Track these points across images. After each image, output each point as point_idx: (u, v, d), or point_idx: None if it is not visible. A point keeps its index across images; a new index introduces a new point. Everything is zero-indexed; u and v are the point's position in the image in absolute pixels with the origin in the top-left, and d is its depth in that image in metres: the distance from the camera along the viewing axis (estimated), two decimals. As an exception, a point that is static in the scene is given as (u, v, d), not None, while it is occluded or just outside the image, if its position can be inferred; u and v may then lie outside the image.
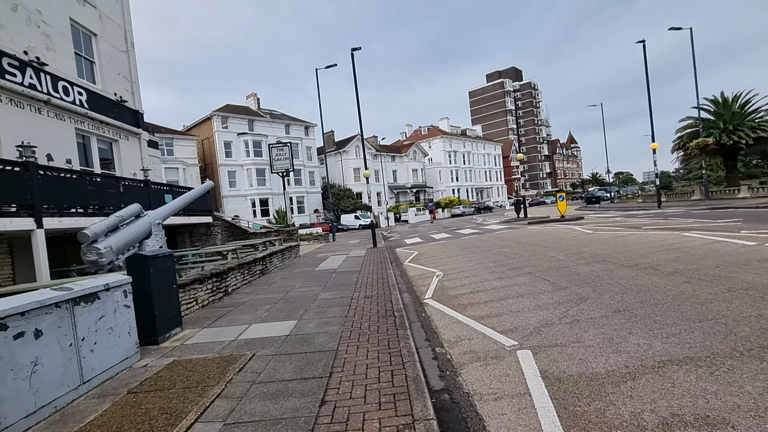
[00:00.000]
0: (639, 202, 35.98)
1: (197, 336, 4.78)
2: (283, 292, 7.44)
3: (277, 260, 11.37)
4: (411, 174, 60.58)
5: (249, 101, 48.12)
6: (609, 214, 20.53)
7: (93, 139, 13.40)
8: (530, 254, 8.83)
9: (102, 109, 13.56)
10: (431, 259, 10.50)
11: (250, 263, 8.93)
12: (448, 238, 16.68)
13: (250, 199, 42.35)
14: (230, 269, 7.69)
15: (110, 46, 14.54)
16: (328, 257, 13.40)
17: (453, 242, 14.45)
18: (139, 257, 4.47)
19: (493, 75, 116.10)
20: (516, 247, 10.26)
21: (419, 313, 5.34)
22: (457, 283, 6.91)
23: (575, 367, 3.05)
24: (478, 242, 13.09)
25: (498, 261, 8.55)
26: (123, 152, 14.69)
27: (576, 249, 8.68)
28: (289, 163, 21.65)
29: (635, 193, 60.78)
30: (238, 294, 7.56)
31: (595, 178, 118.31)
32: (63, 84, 11.98)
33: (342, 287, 7.39)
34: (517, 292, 5.58)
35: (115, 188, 10.20)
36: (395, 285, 7.18)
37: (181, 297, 5.88)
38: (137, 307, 4.47)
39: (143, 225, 7.89)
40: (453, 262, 9.46)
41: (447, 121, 72.62)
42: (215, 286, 7.03)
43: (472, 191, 71.48)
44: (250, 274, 8.93)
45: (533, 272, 6.79)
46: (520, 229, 15.82)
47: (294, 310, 5.83)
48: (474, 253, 10.53)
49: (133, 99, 15.66)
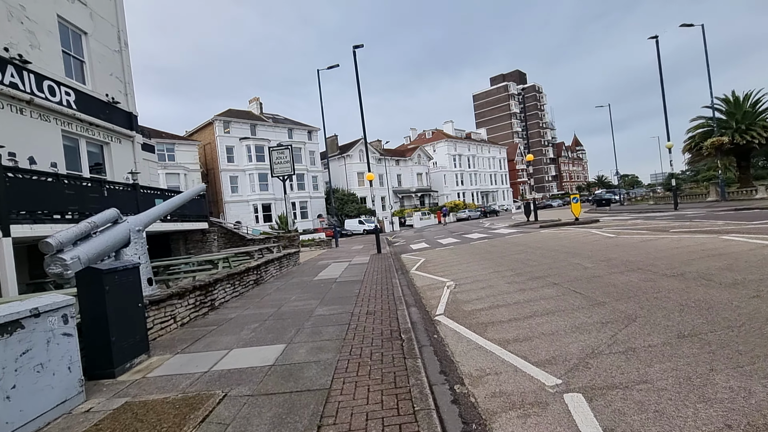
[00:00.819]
0: (650, 204, 34.88)
1: (165, 365, 3.98)
2: (275, 306, 6.63)
3: (274, 269, 10.58)
4: (416, 178, 59.81)
5: (251, 106, 47.73)
6: (624, 216, 19.57)
7: (82, 142, 12.76)
8: (551, 261, 7.97)
9: (92, 111, 12.93)
10: (440, 267, 9.66)
11: (242, 273, 8.15)
12: (457, 243, 15.82)
13: (252, 205, 41.75)
14: (217, 281, 6.90)
15: (102, 45, 13.92)
16: (329, 265, 12.60)
17: (462, 248, 13.59)
18: (91, 272, 3.69)
19: (497, 78, 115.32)
20: (533, 253, 9.38)
21: (430, 333, 4.51)
22: (472, 295, 6.06)
23: (654, 426, 2.20)
24: (490, 247, 12.22)
25: (515, 269, 7.68)
26: (115, 156, 14.05)
27: (602, 255, 7.80)
28: (290, 167, 20.94)
29: (645, 195, 59.52)
30: (226, 309, 6.76)
31: (601, 180, 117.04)
32: (48, 83, 11.34)
33: (342, 301, 6.57)
34: (546, 309, 4.72)
35: (97, 192, 9.49)
36: (401, 298, 6.35)
37: (156, 315, 5.10)
38: (89, 334, 3.69)
39: (120, 232, 7.14)
40: (465, 270, 8.61)
41: (451, 124, 71.88)
42: (199, 301, 6.24)
43: (478, 195, 70.51)
44: (242, 285, 8.15)
45: (559, 283, 5.92)
46: (532, 233, 14.92)
47: (284, 330, 5.02)
48: (486, 259, 9.67)
49: (126, 100, 15.04)
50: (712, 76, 23.85)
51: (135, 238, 7.05)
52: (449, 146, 66.67)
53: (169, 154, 37.80)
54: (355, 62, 15.83)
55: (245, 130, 42.44)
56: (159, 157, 36.78)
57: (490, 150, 78.24)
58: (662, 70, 21.32)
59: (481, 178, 72.82)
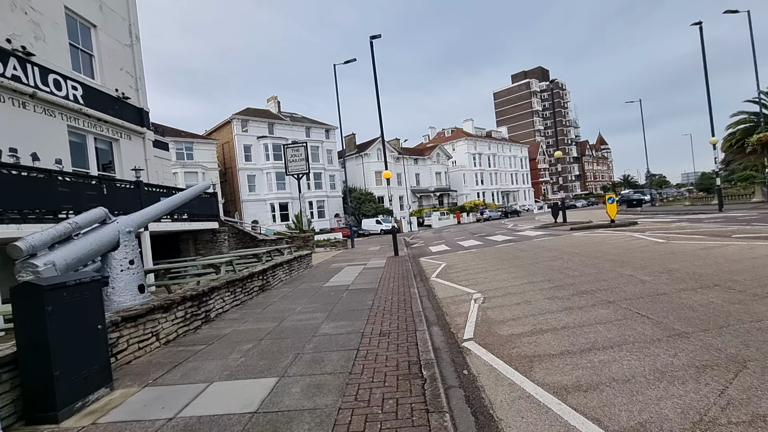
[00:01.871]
0: (687, 205, 32.62)
1: (126, 405, 3.18)
2: (276, 320, 5.80)
3: (283, 273, 9.82)
4: (434, 177, 58.55)
5: (270, 105, 47.59)
6: (664, 218, 17.99)
7: (90, 138, 12.34)
8: (595, 271, 6.85)
9: (100, 106, 12.50)
10: (464, 274, 8.66)
11: (245, 279, 7.38)
12: (479, 246, 14.73)
13: (269, 204, 41.54)
14: (213, 289, 6.13)
15: (112, 38, 13.50)
16: (342, 268, 11.77)
17: (486, 251, 12.52)
18: (28, 288, 2.91)
19: (519, 75, 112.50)
20: (571, 261, 8.26)
21: (459, 368, 3.56)
22: (506, 313, 5.07)
23: None
24: (517, 252, 11.11)
25: (554, 280, 6.62)
26: (124, 153, 13.61)
27: (659, 265, 6.64)
28: (305, 165, 20.27)
29: (678, 195, 56.41)
30: (222, 321, 5.98)
31: (627, 180, 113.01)
32: (54, 77, 10.91)
33: (352, 315, 5.68)
34: (608, 339, 3.70)
35: (96, 190, 8.92)
36: (421, 313, 5.42)
37: (133, 334, 4.34)
38: (27, 367, 2.92)
39: (108, 234, 6.43)
40: (492, 278, 7.59)
41: (471, 122, 70.18)
42: (190, 313, 5.47)
43: (498, 194, 68.63)
44: (245, 292, 7.38)
45: (615, 301, 4.86)
46: (563, 237, 13.68)
47: (280, 354, 4.16)
48: (516, 266, 8.61)
49: (137, 96, 14.63)
50: (750, 69, 21.80)
51: (126, 240, 6.35)
52: (469, 145, 65.06)
53: (188, 152, 37.91)
54: (372, 54, 14.96)
55: (263, 128, 42.25)
56: (177, 155, 36.99)
57: (511, 149, 76.11)
58: (705, 60, 19.55)
59: (501, 177, 70.87)
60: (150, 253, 10.44)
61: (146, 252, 10.37)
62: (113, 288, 5.99)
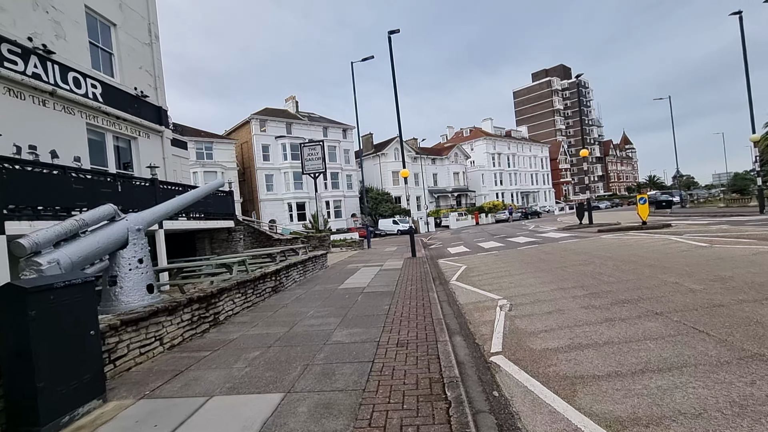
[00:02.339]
0: (721, 206, 30.87)
1: (116, 421, 2.88)
2: (287, 324, 5.47)
3: (297, 273, 9.53)
4: (452, 177, 57.71)
5: (288, 104, 47.85)
6: (699, 220, 16.92)
7: (108, 136, 12.39)
8: (634, 278, 6.25)
9: (119, 104, 12.54)
10: (486, 278, 8.15)
11: (257, 280, 7.10)
12: (500, 247, 14.13)
13: (287, 203, 41.69)
14: (223, 290, 5.86)
15: (131, 37, 13.55)
16: (358, 269, 11.42)
17: (508, 254, 11.94)
18: (10, 290, 2.64)
19: (540, 74, 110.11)
20: (604, 266, 7.65)
21: (488, 389, 3.12)
22: (537, 323, 4.58)
23: None
24: (543, 255, 10.50)
25: (587, 286, 6.07)
26: (142, 151, 13.65)
27: (708, 272, 5.99)
28: (321, 164, 20.07)
29: (710, 196, 53.82)
30: (231, 324, 5.69)
31: (652, 181, 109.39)
32: (74, 75, 10.95)
33: (367, 321, 5.30)
34: (664, 359, 3.18)
35: (110, 187, 8.84)
36: (441, 321, 4.99)
37: (134, 339, 4.07)
38: (10, 377, 2.64)
39: (116, 232, 6.23)
40: (518, 283, 7.07)
41: (490, 122, 68.91)
42: (197, 316, 5.20)
43: (518, 195, 67.18)
44: (257, 293, 7.10)
45: (664, 313, 4.31)
46: (591, 239, 12.94)
47: (289, 364, 3.81)
48: (543, 270, 8.05)
49: (156, 94, 14.67)
50: None
51: (134, 238, 6.15)
52: (488, 144, 63.91)
53: (208, 152, 38.41)
54: (390, 49, 14.58)
55: (281, 128, 42.46)
56: (197, 155, 37.53)
57: (532, 148, 74.41)
58: (746, 52, 18.32)
59: (521, 177, 69.35)
60: (164, 251, 10.34)
61: (160, 250, 10.28)
62: (121, 288, 5.79)
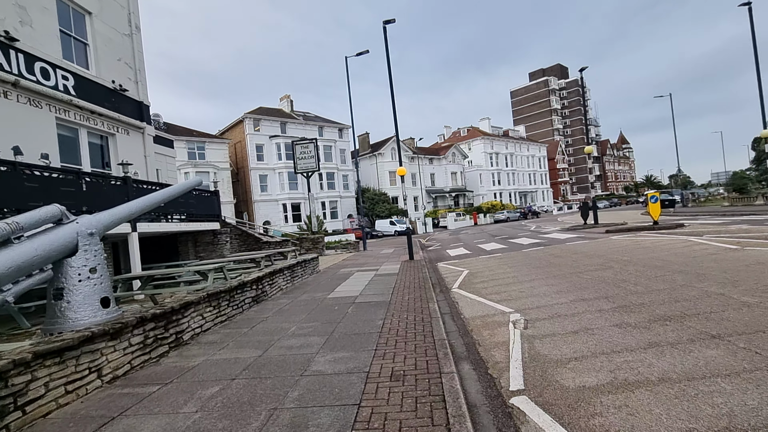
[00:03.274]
0: (725, 205, 30.27)
1: None
2: (262, 345, 4.61)
3: (283, 280, 8.66)
4: (450, 177, 56.97)
5: (282, 104, 46.94)
6: (711, 220, 16.18)
7: (82, 132, 11.49)
8: (666, 287, 5.43)
9: (94, 98, 11.66)
10: (492, 285, 7.32)
11: (233, 290, 6.23)
12: (503, 249, 13.31)
13: (281, 204, 40.75)
14: (187, 305, 4.99)
15: (109, 27, 12.65)
16: (352, 274, 10.57)
17: (513, 256, 11.11)
18: None
19: (537, 73, 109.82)
20: (624, 271, 6.83)
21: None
22: (562, 346, 3.74)
23: None
24: (551, 258, 9.68)
25: (612, 297, 5.24)
26: (121, 148, 12.76)
27: (756, 281, 5.13)
28: (314, 163, 19.20)
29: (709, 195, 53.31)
30: (195, 347, 4.82)
31: (649, 180, 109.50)
32: (41, 65, 10.08)
33: (356, 342, 4.45)
34: (754, 413, 2.35)
35: (72, 186, 7.94)
36: (445, 341, 4.15)
37: (60, 372, 3.19)
38: None
39: (62, 237, 5.28)
40: (529, 291, 6.24)
41: (488, 121, 68.27)
42: (154, 337, 4.33)
43: (516, 195, 66.55)
44: (233, 305, 6.24)
45: (722, 335, 3.48)
46: (601, 240, 12.13)
47: (252, 408, 2.96)
48: (555, 276, 7.22)
49: (136, 88, 13.78)
50: None
51: (86, 243, 5.27)
52: (485, 144, 63.24)
53: (200, 152, 37.45)
54: (386, 40, 13.75)
55: (275, 127, 41.53)
56: (189, 155, 36.56)
57: (529, 148, 73.84)
58: (756, 44, 17.61)
59: (519, 177, 68.74)
60: (138, 256, 9.45)
61: (134, 256, 9.39)
62: (68, 302, 4.89)
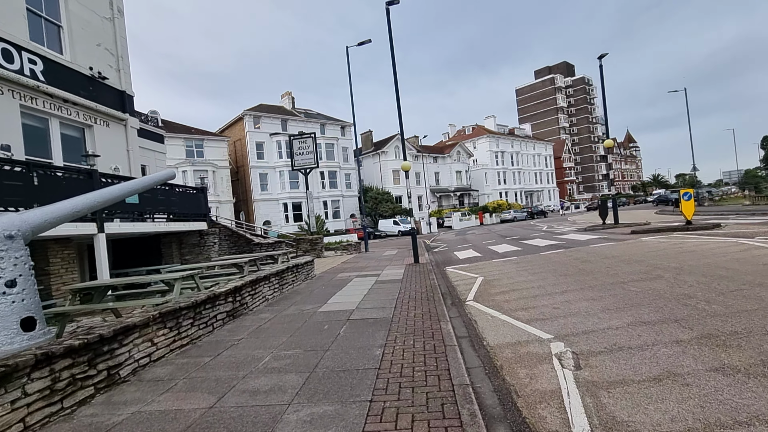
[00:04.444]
0: (746, 204, 28.81)
1: None
2: (219, 388, 3.41)
3: (270, 289, 7.48)
4: (454, 176, 55.62)
5: (283, 101, 45.84)
6: (742, 219, 14.82)
7: (54, 123, 10.40)
8: (756, 306, 4.12)
9: (68, 85, 10.58)
10: (515, 297, 6.09)
11: (199, 306, 5.05)
12: (518, 252, 12.06)
13: (282, 203, 39.62)
14: (127, 330, 3.81)
15: (87, 9, 11.53)
16: (350, 280, 9.38)
17: (531, 261, 9.87)
18: None
19: (542, 71, 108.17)
20: (681, 282, 5.57)
21: None
22: (648, 407, 2.51)
23: None
24: (578, 263, 8.43)
25: (685, 320, 3.99)
26: (100, 141, 11.67)
27: None
28: (313, 159, 18.02)
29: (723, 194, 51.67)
30: (135, 386, 3.62)
31: (657, 180, 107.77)
32: (3, 46, 8.99)
33: (346, 382, 3.24)
34: None
35: (21, 179, 6.79)
36: (469, 389, 2.94)
37: None
38: None
39: (-35, 240, 4.26)
40: (565, 308, 5.02)
41: (493, 119, 66.81)
42: (68, 378, 3.16)
43: (521, 194, 65.09)
44: (200, 324, 5.05)
45: None
46: (631, 242, 10.84)
47: None
48: (592, 287, 5.98)
49: (119, 77, 12.67)
50: None
51: (5, 249, 4.13)
52: (491, 142, 61.85)
53: (198, 150, 36.42)
54: (389, 22, 12.54)
55: (276, 125, 40.40)
56: (187, 153, 35.54)
57: (535, 147, 72.32)
58: None
59: (525, 176, 67.26)
60: (106, 261, 8.29)
61: (101, 261, 8.23)
62: (-29, 326, 3.76)
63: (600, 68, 15.29)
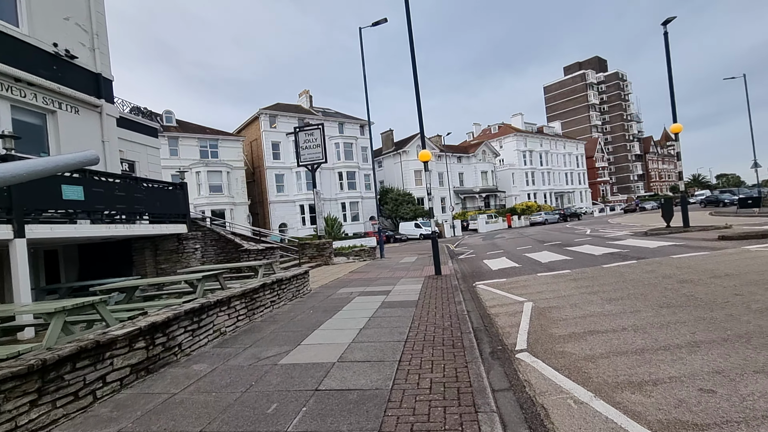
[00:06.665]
0: (826, 205, 24.59)
1: None
2: None
3: (229, 318, 5.32)
4: (480, 177, 52.59)
5: (301, 99, 44.35)
6: None
7: (4, 106, 8.70)
8: None
9: (23, 63, 8.88)
10: (602, 348, 3.65)
11: (60, 364, 2.94)
12: (569, 262, 9.46)
13: (298, 205, 37.96)
14: None
15: (50, -25, 9.83)
16: (350, 300, 7.12)
17: (595, 277, 7.29)
18: None
19: (573, 67, 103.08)
20: None
21: None
22: None
23: None
24: (676, 284, 5.82)
25: None
26: (66, 129, 9.93)
27: None
28: (320, 153, 15.93)
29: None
30: None
31: (697, 180, 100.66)
32: (-72, 10, 7.25)
33: None
34: None
35: None
36: None
37: None
38: None
39: None
40: (731, 389, 2.59)
41: (521, 117, 63.18)
42: None
43: (551, 196, 61.13)
44: (58, 398, 2.94)
45: None
46: (733, 253, 8.04)
47: None
48: (741, 337, 3.49)
49: (93, 57, 10.95)
50: None
51: None
52: (518, 141, 58.37)
53: (213, 150, 35.31)
54: (407, 7, 10.26)
55: (292, 124, 38.80)
56: (201, 153, 34.45)
57: (566, 145, 68.08)
58: None
59: (554, 177, 63.23)
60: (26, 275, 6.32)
61: (18, 274, 6.25)
62: None
63: (665, 35, 12.48)
